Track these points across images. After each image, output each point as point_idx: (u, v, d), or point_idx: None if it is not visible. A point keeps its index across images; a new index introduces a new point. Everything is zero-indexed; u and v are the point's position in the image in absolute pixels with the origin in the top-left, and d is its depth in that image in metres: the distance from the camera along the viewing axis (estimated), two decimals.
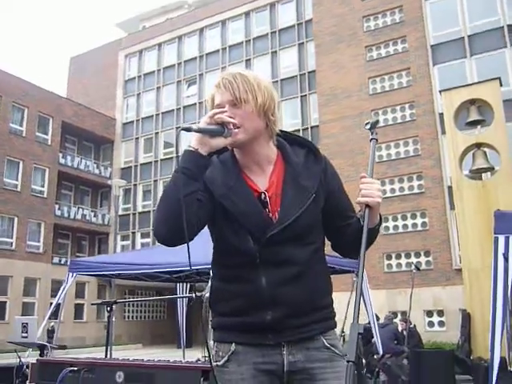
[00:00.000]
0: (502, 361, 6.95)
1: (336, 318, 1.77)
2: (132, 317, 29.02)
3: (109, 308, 2.86)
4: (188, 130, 1.53)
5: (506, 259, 5.29)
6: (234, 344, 1.65)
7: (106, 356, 2.87)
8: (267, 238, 1.61)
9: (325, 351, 1.66)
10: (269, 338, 1.62)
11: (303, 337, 1.64)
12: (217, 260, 1.74)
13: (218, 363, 1.65)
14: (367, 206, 1.58)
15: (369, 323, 8.80)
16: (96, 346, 20.79)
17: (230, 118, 1.60)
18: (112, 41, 34.77)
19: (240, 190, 1.65)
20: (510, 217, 5.50)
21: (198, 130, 1.57)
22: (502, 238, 5.35)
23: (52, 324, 21.97)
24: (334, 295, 1.80)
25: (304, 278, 1.63)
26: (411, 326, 10.89)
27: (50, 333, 21.14)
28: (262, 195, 1.66)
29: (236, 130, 1.60)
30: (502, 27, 20.55)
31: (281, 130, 1.76)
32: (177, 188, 1.51)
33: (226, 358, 1.65)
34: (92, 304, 6.62)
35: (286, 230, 1.61)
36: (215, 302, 1.72)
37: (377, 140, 1.72)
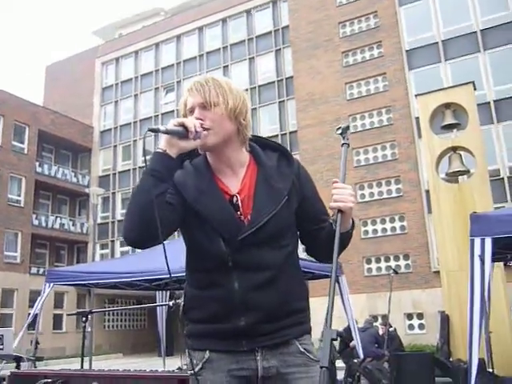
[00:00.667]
0: (481, 362, 7.02)
1: (316, 323, 1.75)
2: (112, 326, 28.67)
3: (84, 318, 2.80)
4: (155, 130, 1.53)
5: (482, 261, 5.34)
6: (207, 351, 1.63)
7: (81, 367, 2.81)
8: (239, 240, 1.59)
9: (299, 356, 1.64)
10: (243, 345, 1.60)
11: (277, 342, 1.62)
12: (190, 265, 1.72)
13: (193, 371, 1.62)
14: (339, 210, 1.57)
15: (348, 327, 8.82)
16: (76, 357, 20.47)
17: (199, 119, 1.60)
18: (88, 48, 34.51)
19: (212, 193, 1.64)
20: (485, 219, 5.55)
21: (166, 131, 1.55)
22: (477, 240, 5.40)
23: (36, 336, 21.59)
24: (314, 300, 1.79)
25: (277, 282, 1.61)
26: (391, 329, 10.95)
27: (36, 344, 20.76)
28: (234, 198, 1.65)
29: (205, 133, 1.59)
30: (475, 32, 20.93)
31: (252, 135, 1.75)
32: (146, 190, 1.51)
33: (200, 366, 1.62)
34: (68, 314, 6.52)
35: (258, 232, 1.60)
36: (188, 309, 1.68)
37: (348, 145, 1.68)
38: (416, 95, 12.98)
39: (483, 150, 11.00)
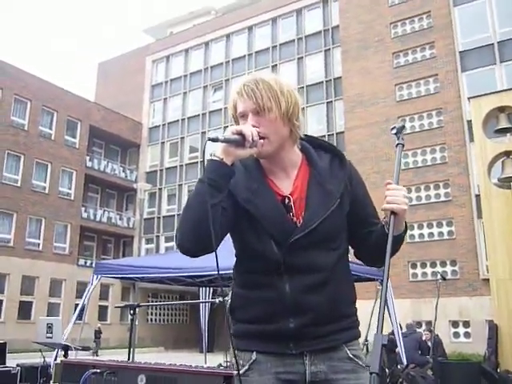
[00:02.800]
0: None
1: (359, 327, 1.73)
2: (155, 320, 29.21)
3: (132, 311, 2.87)
4: (215, 140, 1.51)
5: None
6: (254, 353, 1.60)
7: (128, 359, 2.88)
8: (291, 242, 1.56)
9: (348, 362, 1.60)
10: (290, 348, 1.57)
11: (326, 346, 1.58)
12: (238, 266, 1.70)
13: (237, 372, 1.59)
14: (392, 212, 1.53)
15: (392, 332, 8.68)
16: (118, 348, 20.99)
17: (255, 127, 1.56)
18: (140, 47, 35.27)
19: (263, 193, 1.61)
20: None
21: (224, 140, 1.52)
22: None
23: (99, 325, 22.30)
24: (358, 303, 1.77)
25: (328, 285, 1.58)
26: (436, 335, 10.70)
27: (98, 333, 21.45)
28: (286, 199, 1.62)
29: (262, 141, 1.56)
30: None
31: (305, 135, 1.73)
32: (202, 198, 1.49)
33: (246, 367, 1.60)
34: (116, 307, 6.70)
35: (311, 234, 1.57)
36: (236, 309, 1.67)
37: (403, 145, 1.65)
38: (469, 98, 12.62)
39: None
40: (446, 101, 21.23)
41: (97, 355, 17.51)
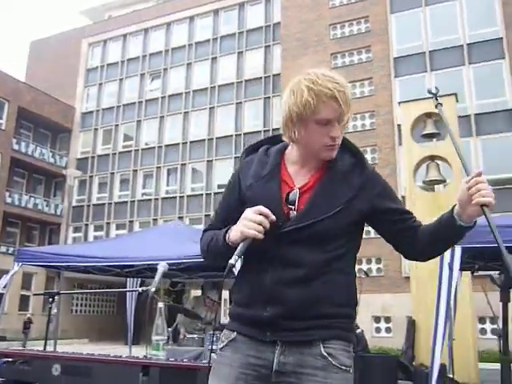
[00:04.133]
0: (442, 367, 7.16)
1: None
2: (80, 311, 28.40)
3: (51, 299, 2.78)
4: (236, 261, 1.54)
5: (451, 269, 5.44)
6: (235, 332, 1.66)
7: (44, 349, 2.79)
8: (278, 234, 1.57)
9: (319, 359, 1.58)
10: (267, 335, 1.59)
11: (301, 340, 1.58)
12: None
13: (219, 347, 1.68)
14: (484, 205, 1.48)
15: None
16: (40, 339, 20.25)
17: (334, 138, 1.58)
18: (75, 28, 34.00)
19: (268, 181, 1.65)
20: None
21: (241, 255, 1.56)
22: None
23: (28, 316, 21.28)
24: None
25: (312, 283, 1.57)
26: (359, 330, 11.03)
27: (27, 324, 20.47)
28: (295, 190, 1.63)
29: (334, 147, 1.61)
30: (462, 46, 21.23)
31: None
32: (219, 251, 1.65)
33: (225, 343, 1.67)
34: (34, 294, 6.43)
35: (302, 231, 1.58)
36: (233, 291, 1.73)
37: (441, 104, 1.73)
38: (399, 102, 13.12)
39: (459, 161, 11.16)
40: (378, 104, 21.95)
41: (24, 347, 16.85)
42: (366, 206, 1.64)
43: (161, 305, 2.53)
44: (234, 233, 1.57)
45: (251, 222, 1.52)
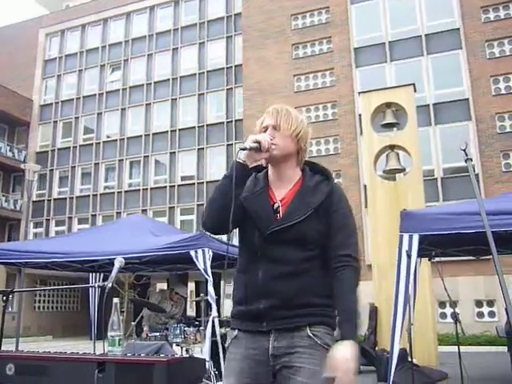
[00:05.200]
0: (403, 352, 7.35)
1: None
2: (43, 307, 27.84)
3: (4, 298, 2.72)
4: (244, 149, 1.95)
5: (409, 256, 5.57)
6: (237, 330, 1.98)
7: None
8: (267, 235, 1.92)
9: (306, 339, 1.88)
10: (263, 326, 1.90)
11: (291, 326, 1.88)
12: (239, 252, 2.08)
13: (226, 345, 2.03)
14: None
15: None
16: (7, 337, 19.77)
17: (271, 138, 2.00)
18: (32, 18, 33.02)
19: (260, 196, 2.03)
20: (415, 216, 5.78)
21: (249, 148, 1.94)
22: (406, 236, 5.62)
23: None
24: None
25: (295, 276, 1.90)
26: None
27: None
28: (276, 204, 2.01)
29: (273, 147, 1.99)
30: (420, 36, 21.60)
31: (308, 161, 2.14)
32: (225, 190, 1.92)
33: (229, 342, 2.00)
34: None
35: (284, 232, 1.92)
36: (232, 294, 2.05)
37: (471, 159, 2.13)
38: (359, 92, 13.28)
39: (419, 150, 11.42)
40: (340, 94, 22.15)
41: None
42: (326, 217, 1.98)
43: (116, 300, 2.51)
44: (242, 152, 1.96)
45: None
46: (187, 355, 6.02)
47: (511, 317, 1.57)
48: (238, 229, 2.07)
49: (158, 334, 7.28)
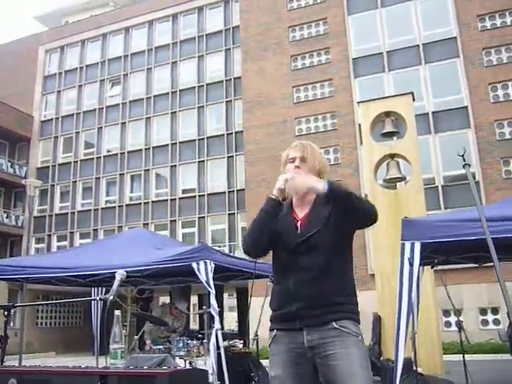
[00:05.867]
0: (407, 361, 7.29)
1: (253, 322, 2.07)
2: (45, 323, 27.74)
3: (6, 312, 2.72)
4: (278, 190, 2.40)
5: (411, 264, 5.54)
6: (275, 331, 2.38)
7: (1, 363, 2.73)
8: (292, 248, 2.33)
9: (334, 331, 2.25)
10: (296, 324, 2.28)
11: (319, 322, 2.25)
12: (273, 269, 2.47)
13: (269, 346, 2.40)
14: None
15: None
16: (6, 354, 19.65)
17: (297, 167, 2.45)
18: (32, 34, 33.27)
19: (286, 217, 2.44)
20: (416, 224, 5.76)
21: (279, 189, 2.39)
22: (408, 244, 5.59)
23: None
24: (254, 300, 2.04)
25: (318, 281, 2.27)
26: None
27: (2, 339, 19.70)
28: (298, 222, 2.40)
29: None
30: (418, 45, 21.73)
31: None
32: (264, 220, 2.36)
33: (270, 341, 2.39)
34: None
35: (303, 244, 2.31)
36: (270, 303, 2.45)
37: (469, 165, 2.34)
38: (358, 102, 13.33)
39: (419, 158, 11.42)
40: (339, 104, 22.23)
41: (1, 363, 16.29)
42: (334, 219, 2.35)
43: (117, 312, 2.50)
44: (275, 187, 2.39)
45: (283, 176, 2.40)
46: (190, 367, 5.98)
47: None
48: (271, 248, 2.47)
49: (161, 346, 7.24)
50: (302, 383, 2.29)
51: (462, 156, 2.13)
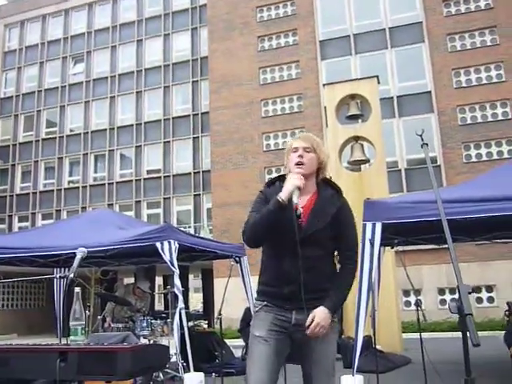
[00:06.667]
0: (368, 339, 7.50)
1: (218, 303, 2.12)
2: (6, 305, 27.24)
3: None
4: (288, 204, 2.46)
5: (372, 244, 5.67)
6: (265, 301, 2.56)
7: None
8: (295, 240, 2.42)
9: None
10: (287, 304, 2.49)
11: (308, 307, 2.41)
12: (267, 243, 2.60)
13: (255, 311, 2.60)
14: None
15: (249, 308, 9.01)
16: None
17: (300, 156, 2.57)
18: None
19: (289, 206, 2.50)
20: (378, 205, 5.88)
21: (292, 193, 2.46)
22: (369, 225, 5.71)
23: None
24: (216, 280, 1.96)
25: (311, 269, 2.44)
26: None
27: None
28: (299, 210, 2.45)
29: (302, 166, 2.54)
30: (384, 29, 21.90)
31: (325, 178, 2.66)
32: (270, 221, 2.44)
33: (258, 308, 2.58)
34: None
35: (308, 237, 2.45)
36: (261, 273, 2.63)
37: (427, 144, 2.39)
38: (324, 84, 13.39)
39: (382, 141, 11.60)
40: (306, 86, 22.28)
41: None
42: (336, 223, 2.53)
43: (77, 289, 2.49)
44: (284, 190, 2.45)
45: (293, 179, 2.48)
46: (151, 343, 6.00)
47: (462, 294, 1.66)
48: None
49: (121, 325, 7.23)
50: (279, 348, 2.50)
51: (421, 136, 2.19)
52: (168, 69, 26.44)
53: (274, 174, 21.81)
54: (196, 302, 29.27)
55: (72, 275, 2.50)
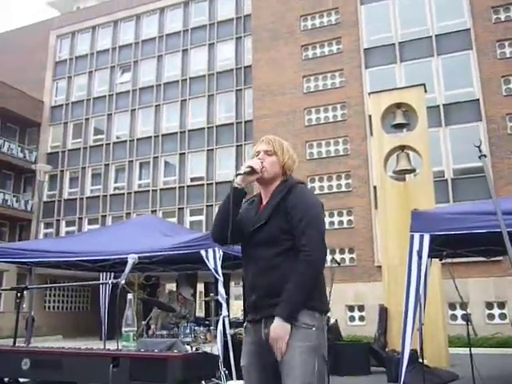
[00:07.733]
0: (413, 353, 7.32)
1: None
2: (53, 307, 28.02)
3: (19, 294, 2.75)
4: (240, 174, 2.39)
5: (420, 256, 5.55)
6: (246, 322, 2.41)
7: (14, 344, 2.77)
8: (246, 238, 2.39)
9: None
10: (257, 315, 2.32)
11: (271, 313, 2.21)
12: (241, 248, 2.51)
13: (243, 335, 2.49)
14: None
15: None
16: (13, 337, 19.88)
17: (260, 159, 2.46)
18: (43, 20, 33.27)
19: (249, 209, 2.51)
20: (426, 216, 5.76)
21: (244, 173, 2.39)
22: (416, 236, 5.60)
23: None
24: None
25: (270, 270, 2.27)
26: (333, 321, 11.11)
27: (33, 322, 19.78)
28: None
29: (263, 169, 2.44)
30: (431, 37, 21.52)
31: (287, 179, 2.52)
32: (225, 208, 2.37)
33: (243, 331, 2.46)
34: (1, 290, 6.37)
35: (255, 235, 2.35)
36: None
37: (485, 156, 2.32)
38: (369, 93, 13.24)
39: (429, 151, 11.36)
40: (349, 95, 22.10)
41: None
42: (283, 220, 2.32)
43: (130, 296, 2.53)
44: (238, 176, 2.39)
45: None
46: (201, 351, 6.03)
47: None
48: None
49: (165, 332, 7.30)
50: (264, 375, 2.28)
51: (479, 147, 2.13)
52: (212, 78, 26.75)
53: (317, 183, 21.70)
54: (236, 309, 29.35)
55: (123, 281, 2.55)
